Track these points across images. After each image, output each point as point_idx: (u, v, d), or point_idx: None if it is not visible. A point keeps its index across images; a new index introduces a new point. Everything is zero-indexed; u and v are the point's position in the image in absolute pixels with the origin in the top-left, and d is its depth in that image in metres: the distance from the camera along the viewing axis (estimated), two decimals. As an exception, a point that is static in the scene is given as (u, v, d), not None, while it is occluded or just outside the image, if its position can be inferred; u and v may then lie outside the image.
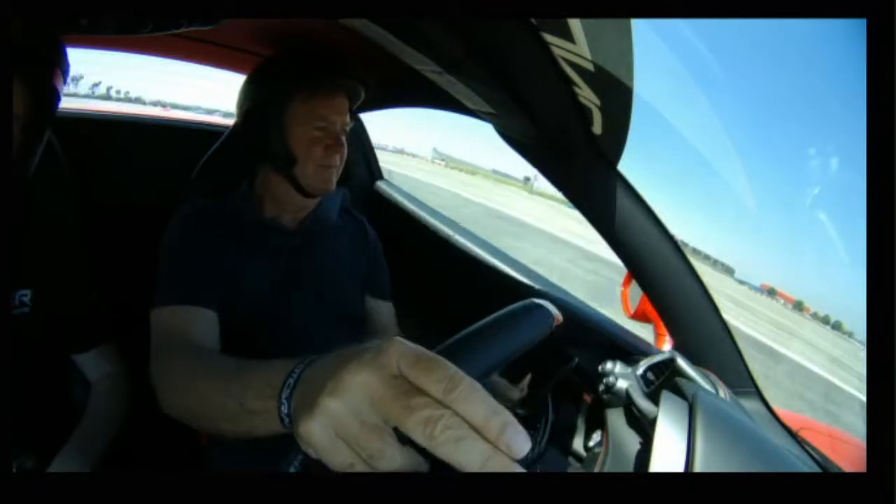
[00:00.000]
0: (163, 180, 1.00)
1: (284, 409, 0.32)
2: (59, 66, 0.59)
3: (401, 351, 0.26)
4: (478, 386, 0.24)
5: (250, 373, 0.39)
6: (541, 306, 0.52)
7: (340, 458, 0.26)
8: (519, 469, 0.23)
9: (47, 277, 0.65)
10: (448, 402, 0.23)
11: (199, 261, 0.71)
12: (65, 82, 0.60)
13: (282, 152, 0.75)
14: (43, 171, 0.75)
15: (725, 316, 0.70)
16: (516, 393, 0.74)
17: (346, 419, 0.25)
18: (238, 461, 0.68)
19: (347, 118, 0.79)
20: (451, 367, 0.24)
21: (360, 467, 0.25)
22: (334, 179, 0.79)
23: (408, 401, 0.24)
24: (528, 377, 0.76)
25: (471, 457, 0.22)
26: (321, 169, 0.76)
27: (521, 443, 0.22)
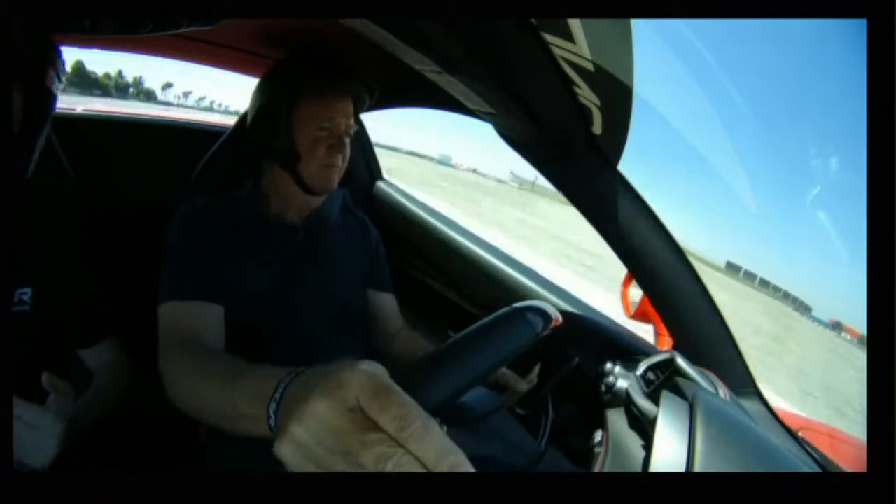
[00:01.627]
0: (163, 180, 1.00)
1: (272, 421, 0.33)
2: (53, 66, 0.57)
3: (360, 382, 0.26)
4: (432, 424, 0.24)
5: (245, 378, 0.40)
6: (529, 310, 0.52)
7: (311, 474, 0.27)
8: None
9: (47, 275, 0.65)
10: (401, 441, 0.24)
11: (204, 256, 0.72)
12: (59, 81, 0.59)
13: (287, 149, 0.77)
14: (43, 170, 0.75)
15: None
16: (524, 385, 0.74)
17: (310, 446, 0.26)
18: (237, 458, 0.68)
19: (352, 121, 0.81)
20: (407, 404, 0.25)
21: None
22: (336, 179, 0.81)
23: (363, 436, 0.24)
24: (537, 368, 0.76)
25: None
26: (324, 168, 0.78)
27: None
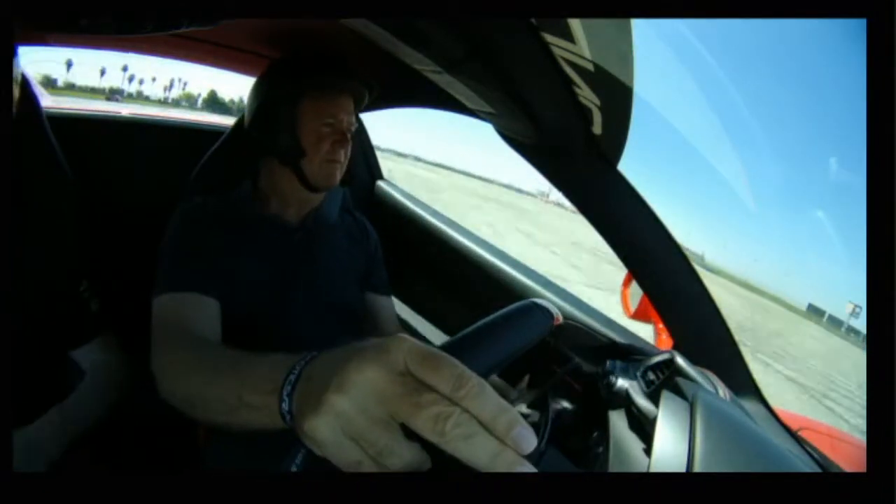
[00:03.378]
0: (163, 180, 1.00)
1: (285, 405, 0.32)
2: None
3: (407, 348, 0.26)
4: (485, 384, 0.24)
5: (249, 366, 0.39)
6: (540, 306, 0.52)
7: (348, 456, 0.26)
8: (527, 464, 0.23)
9: (34, 276, 0.64)
10: (457, 400, 0.24)
11: (201, 252, 0.72)
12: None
13: (291, 146, 0.77)
14: (41, 170, 0.75)
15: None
16: (514, 394, 0.74)
17: (353, 416, 0.25)
18: (237, 460, 0.68)
19: (353, 118, 0.82)
20: (459, 365, 0.25)
21: (367, 464, 0.25)
22: (339, 175, 0.82)
23: (417, 398, 0.24)
24: (527, 378, 0.76)
25: (480, 453, 0.23)
26: (327, 163, 0.79)
27: (528, 439, 0.23)
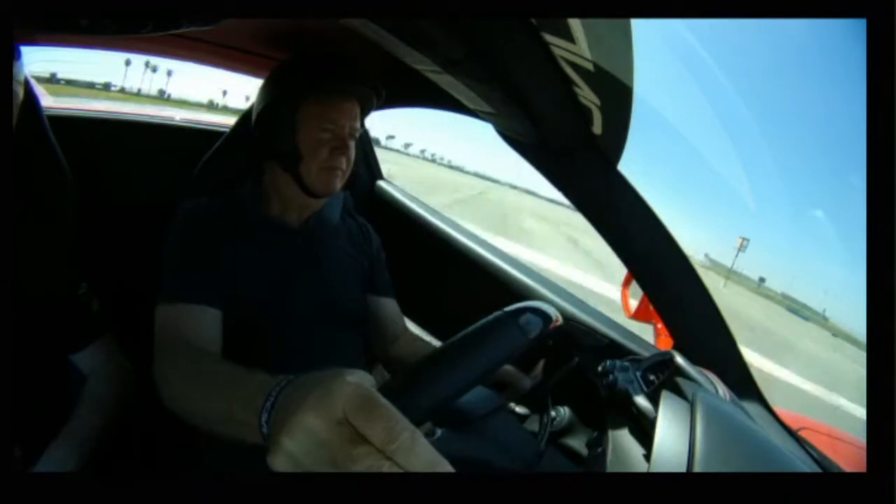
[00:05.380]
0: (163, 180, 1.00)
1: (265, 429, 0.33)
2: None
3: (346, 394, 0.27)
4: (418, 436, 0.25)
5: (240, 384, 0.41)
6: (515, 318, 0.51)
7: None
8: None
9: (28, 277, 0.64)
10: (388, 454, 0.24)
11: (204, 258, 0.71)
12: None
13: (289, 150, 0.76)
14: (41, 171, 0.75)
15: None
16: (528, 382, 0.74)
17: (299, 457, 0.27)
18: (238, 462, 0.68)
19: (357, 124, 0.80)
20: (394, 417, 0.25)
21: None
22: (338, 182, 0.80)
23: (351, 449, 0.25)
24: (541, 364, 0.75)
25: None
26: (325, 170, 0.77)
27: None
